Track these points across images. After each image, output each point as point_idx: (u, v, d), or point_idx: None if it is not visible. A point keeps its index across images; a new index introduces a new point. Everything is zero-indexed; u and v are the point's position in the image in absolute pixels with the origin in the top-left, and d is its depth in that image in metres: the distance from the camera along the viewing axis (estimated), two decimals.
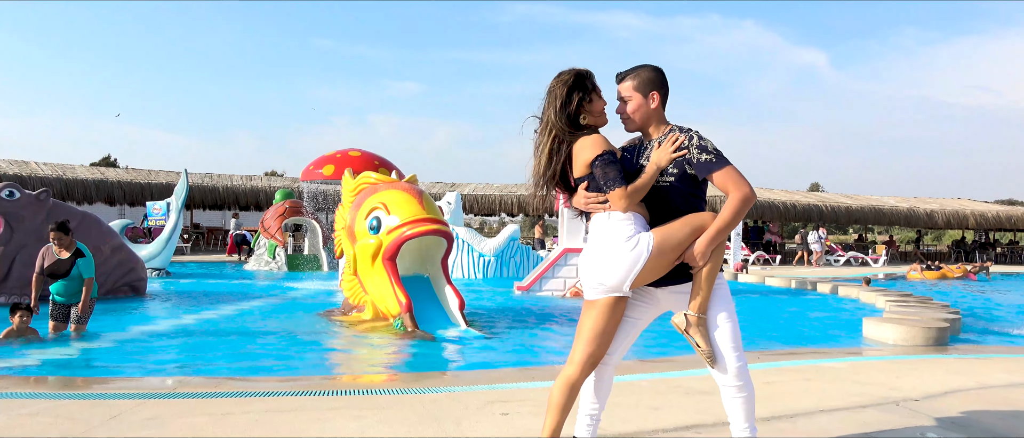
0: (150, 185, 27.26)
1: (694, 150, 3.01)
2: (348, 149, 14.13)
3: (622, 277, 2.95)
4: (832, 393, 4.83)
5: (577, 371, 3.07)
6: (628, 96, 3.13)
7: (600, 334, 3.04)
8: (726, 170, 2.98)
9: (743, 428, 3.13)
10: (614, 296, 3.00)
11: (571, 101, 3.06)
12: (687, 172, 3.03)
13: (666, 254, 2.97)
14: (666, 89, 3.16)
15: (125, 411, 4.06)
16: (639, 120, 3.14)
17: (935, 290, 16.00)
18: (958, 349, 7.30)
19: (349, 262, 8.59)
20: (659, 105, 3.14)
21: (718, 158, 3.00)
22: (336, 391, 4.72)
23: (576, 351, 3.08)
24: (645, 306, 3.19)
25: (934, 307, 9.72)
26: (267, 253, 18.43)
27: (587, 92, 3.09)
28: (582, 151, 3.04)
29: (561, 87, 3.08)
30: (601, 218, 3.05)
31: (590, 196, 3.05)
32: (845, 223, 32.53)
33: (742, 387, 3.06)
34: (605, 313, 3.02)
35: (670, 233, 2.98)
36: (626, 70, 3.16)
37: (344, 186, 9.22)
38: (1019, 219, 34.50)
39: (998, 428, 4.03)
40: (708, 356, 3.01)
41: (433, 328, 7.86)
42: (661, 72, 3.16)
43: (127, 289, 11.13)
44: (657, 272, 3.01)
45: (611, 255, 2.97)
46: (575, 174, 3.11)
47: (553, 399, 3.10)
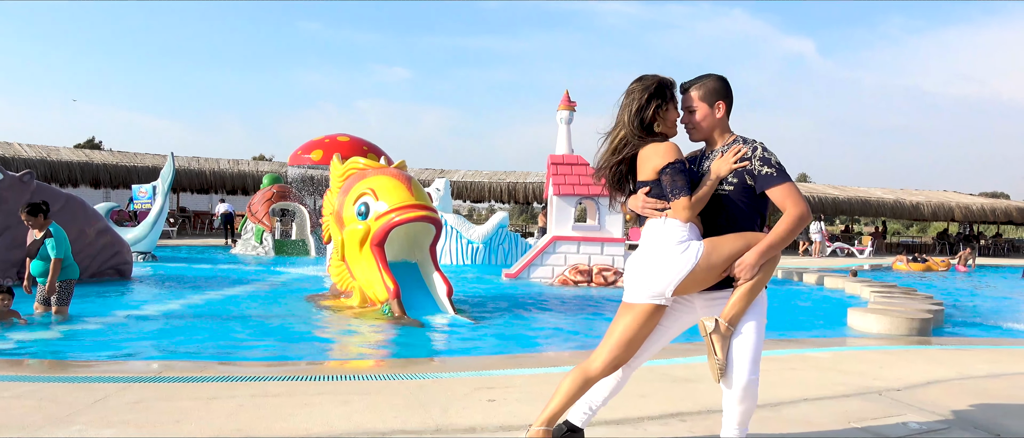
0: (136, 168, 27.05)
1: (756, 162, 3.01)
2: (336, 134, 14.05)
3: (667, 282, 2.95)
4: (816, 383, 4.87)
5: (598, 371, 3.07)
6: (694, 106, 3.13)
7: (631, 340, 3.03)
8: (785, 186, 2.98)
9: (734, 430, 3.14)
10: (654, 304, 3.00)
11: (649, 106, 3.06)
12: (747, 183, 3.02)
13: (714, 265, 2.97)
14: (731, 98, 3.15)
15: (110, 394, 4.04)
16: (705, 129, 3.15)
17: (920, 281, 16.15)
18: (941, 340, 7.38)
19: (337, 248, 8.56)
20: (724, 114, 3.14)
21: (779, 173, 2.99)
22: (323, 376, 4.71)
23: (602, 351, 3.07)
24: (680, 313, 3.18)
25: (918, 298, 9.81)
26: (254, 238, 18.35)
27: (666, 101, 3.09)
28: (652, 157, 3.04)
29: (642, 92, 3.08)
30: (656, 223, 3.05)
31: (649, 201, 3.05)
32: (832, 214, 32.72)
33: (745, 399, 3.03)
34: (641, 319, 3.01)
35: (721, 244, 2.98)
36: (691, 80, 3.16)
37: (332, 171, 9.17)
38: (1003, 212, 34.85)
39: (978, 418, 4.08)
40: (720, 367, 2.98)
41: (421, 314, 7.86)
42: (726, 82, 3.15)
43: (112, 272, 11.05)
44: (702, 283, 3.00)
45: (660, 259, 2.97)
46: (640, 177, 3.11)
47: (563, 386, 3.09)
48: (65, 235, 7.04)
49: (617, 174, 3.17)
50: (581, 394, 3.11)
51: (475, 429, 3.60)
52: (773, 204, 3.04)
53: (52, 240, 6.86)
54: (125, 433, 3.39)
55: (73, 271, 7.17)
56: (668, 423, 3.80)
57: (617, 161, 3.14)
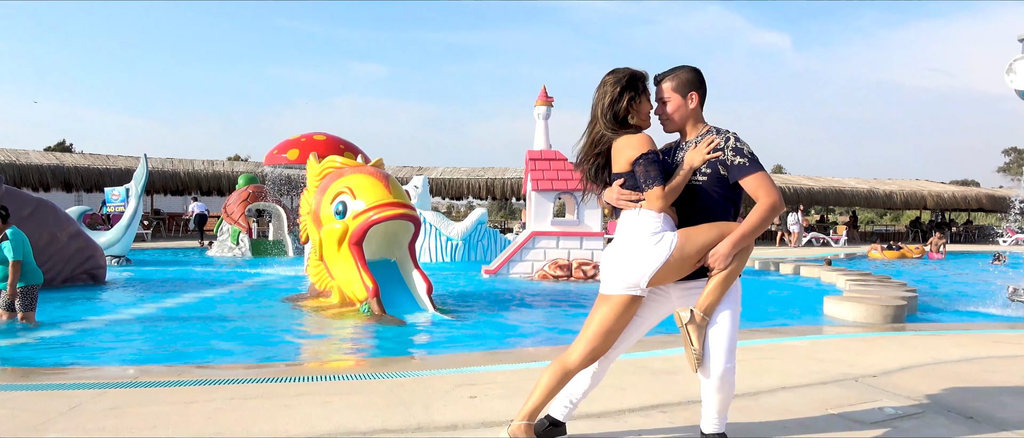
0: (108, 170, 26.64)
1: (730, 152, 3.03)
2: (313, 133, 13.94)
3: (642, 273, 2.97)
4: (794, 370, 4.93)
5: (577, 362, 3.09)
6: (668, 97, 3.15)
7: (608, 331, 3.06)
8: (758, 176, 3.01)
9: (713, 420, 3.18)
10: (630, 295, 3.02)
11: (622, 99, 3.08)
12: (720, 173, 3.05)
13: (689, 255, 2.99)
14: (704, 89, 3.18)
15: (85, 401, 3.98)
16: (678, 120, 3.17)
17: (894, 269, 16.40)
18: (915, 326, 7.50)
19: (315, 247, 8.50)
20: (697, 105, 3.17)
21: (752, 163, 3.02)
22: (302, 377, 4.68)
23: (580, 342, 3.09)
24: (656, 304, 3.20)
25: (892, 286, 9.96)
26: (230, 239, 18.16)
27: (638, 93, 3.11)
28: (626, 149, 3.06)
29: (615, 85, 3.10)
30: (630, 215, 3.07)
31: (624, 193, 3.07)
32: (807, 204, 33.09)
33: (722, 387, 3.08)
34: (617, 310, 3.04)
35: (695, 235, 3.00)
36: (664, 72, 3.19)
37: (309, 170, 9.10)
38: (974, 199, 35.47)
39: (951, 401, 4.15)
40: (697, 357, 3.01)
41: (401, 313, 7.84)
42: (699, 72, 3.18)
43: (86, 277, 10.88)
44: (677, 273, 3.03)
45: (635, 250, 2.99)
46: (614, 170, 3.13)
47: (543, 380, 3.11)
48: (25, 238, 6.90)
49: (594, 167, 3.19)
50: (561, 387, 3.13)
51: (457, 426, 3.60)
52: (747, 194, 3.08)
53: (8, 243, 6.72)
54: None
55: (36, 276, 7.02)
56: (649, 415, 3.83)
57: (595, 154, 3.16)
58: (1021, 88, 8.07)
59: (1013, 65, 8.11)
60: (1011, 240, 28.96)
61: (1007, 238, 29.92)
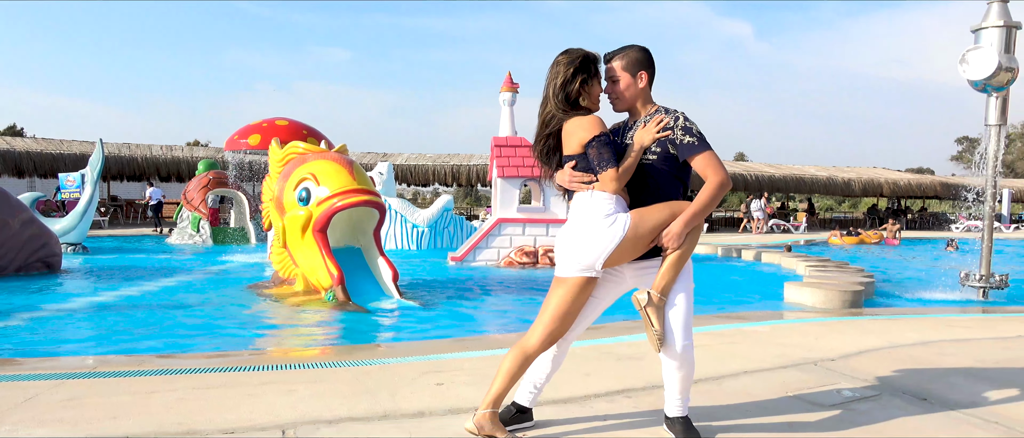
0: (62, 155, 25.93)
1: (679, 131, 3.05)
2: (275, 118, 13.73)
3: (597, 255, 2.99)
4: (755, 355, 5.02)
5: (536, 345, 3.10)
6: (617, 76, 3.15)
7: (566, 313, 3.07)
8: (706, 155, 3.03)
9: (676, 402, 3.23)
10: (585, 277, 3.03)
11: (574, 80, 3.07)
12: (669, 152, 3.07)
13: (642, 236, 3.01)
14: (653, 69, 3.18)
15: (41, 392, 3.88)
16: (628, 99, 3.18)
17: (852, 255, 16.77)
18: (872, 311, 7.68)
19: (278, 234, 8.39)
20: (647, 85, 3.17)
21: (700, 142, 3.04)
22: (266, 366, 4.62)
23: (538, 325, 3.10)
24: (611, 284, 3.23)
25: (850, 271, 10.19)
26: (190, 226, 17.83)
27: (591, 75, 3.11)
28: (577, 130, 3.05)
29: (568, 65, 3.08)
30: (583, 197, 3.08)
31: (576, 175, 3.07)
32: (768, 192, 33.63)
33: (683, 365, 3.15)
34: (573, 292, 3.05)
35: (647, 215, 3.02)
36: (614, 50, 3.18)
37: (271, 156, 8.97)
38: (928, 187, 36.42)
39: (907, 384, 4.27)
40: (658, 337, 3.06)
41: (366, 300, 7.79)
42: (648, 52, 3.19)
43: (40, 265, 10.60)
44: (630, 253, 3.05)
45: (589, 233, 3.00)
46: (565, 151, 3.13)
47: (504, 366, 3.12)
48: None
49: (546, 149, 3.19)
50: (522, 372, 3.14)
51: (424, 413, 3.59)
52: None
53: None
54: (59, 432, 3.27)
55: None
56: (614, 400, 3.87)
57: (546, 135, 3.16)
58: (974, 78, 8.28)
59: (966, 55, 8.31)
60: (963, 227, 29.83)
61: (960, 225, 30.82)
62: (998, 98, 8.48)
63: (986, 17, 8.35)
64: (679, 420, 3.24)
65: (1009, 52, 8.23)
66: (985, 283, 8.80)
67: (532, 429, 3.35)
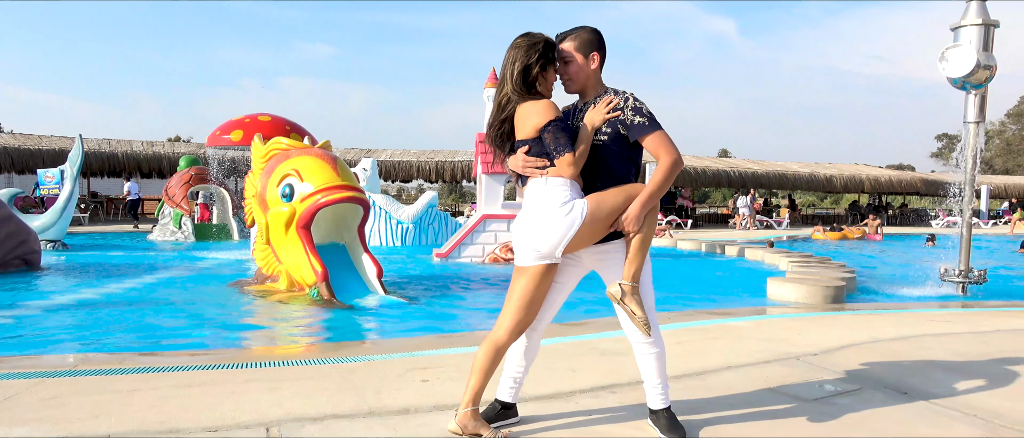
0: (41, 151, 25.58)
1: (629, 112, 3.06)
2: (257, 114, 13.66)
3: (555, 243, 2.99)
4: (738, 350, 5.06)
5: (506, 336, 3.10)
6: (570, 57, 3.14)
7: (530, 302, 3.07)
8: (657, 134, 3.04)
9: (656, 385, 3.26)
10: (545, 264, 3.04)
11: (535, 65, 3.05)
12: (620, 133, 3.08)
13: (599, 221, 3.01)
14: (605, 51, 3.19)
15: (20, 391, 3.83)
16: (580, 81, 3.17)
17: (834, 251, 16.93)
18: (853, 306, 7.77)
19: (261, 231, 8.34)
20: (598, 66, 3.17)
21: (651, 122, 3.05)
22: (250, 363, 4.60)
23: (505, 317, 3.11)
24: (572, 269, 3.25)
25: (832, 267, 10.29)
26: (172, 223, 17.67)
27: (549, 61, 3.10)
28: (532, 115, 3.03)
29: (529, 48, 3.06)
30: (538, 183, 3.06)
31: (530, 160, 3.05)
32: (751, 187, 33.85)
33: (654, 344, 3.19)
34: (536, 280, 3.05)
35: (604, 200, 3.02)
36: (566, 31, 3.17)
37: (254, 152, 8.90)
38: (909, 183, 36.81)
39: (888, 378, 4.32)
40: (644, 323, 3.08)
41: (351, 297, 7.76)
42: (600, 34, 3.19)
43: (19, 262, 10.47)
44: (589, 239, 3.06)
45: (546, 221, 2.99)
46: (519, 136, 3.10)
47: (478, 362, 3.12)
48: None
49: (500, 134, 3.17)
50: (495, 365, 3.14)
51: (409, 410, 3.59)
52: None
53: None
54: (39, 431, 3.23)
55: None
56: (599, 395, 3.88)
57: (501, 119, 3.14)
58: (954, 76, 8.37)
59: (946, 53, 8.40)
60: (943, 222, 30.19)
61: (940, 220, 31.18)
62: (977, 95, 8.58)
63: (965, 15, 8.45)
64: (664, 413, 3.25)
65: (987, 50, 8.33)
66: (964, 278, 8.91)
67: (518, 425, 3.36)
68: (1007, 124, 66.70)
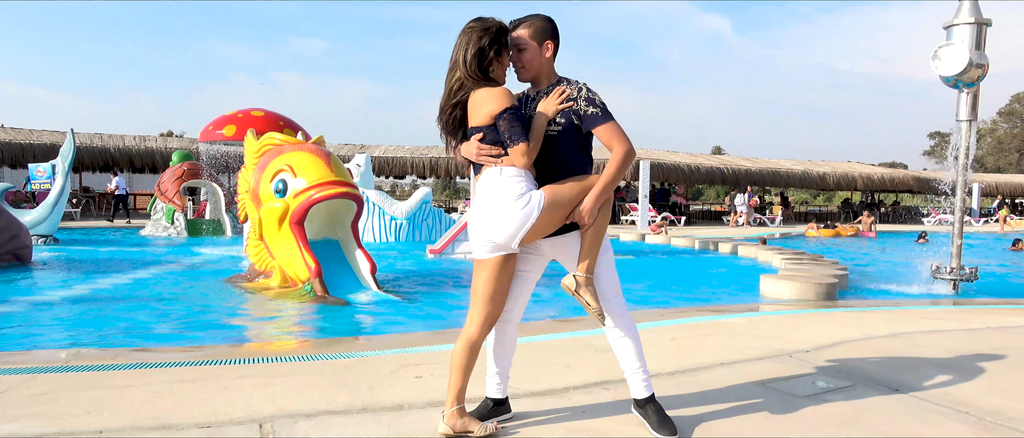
0: (32, 145, 25.44)
1: (582, 102, 3.05)
2: (250, 109, 13.60)
3: (511, 235, 2.98)
4: (731, 347, 5.07)
5: (477, 331, 3.09)
6: (524, 45, 3.10)
7: (494, 293, 3.07)
8: (610, 125, 3.04)
9: (639, 379, 3.27)
10: (502, 255, 3.03)
11: (490, 50, 3.01)
12: (574, 123, 3.07)
13: (555, 212, 3.00)
14: (558, 39, 3.16)
15: (12, 387, 3.82)
16: (534, 69, 3.14)
17: (827, 247, 16.98)
18: (846, 303, 7.79)
19: (254, 226, 8.31)
20: (552, 55, 3.15)
21: (604, 112, 3.05)
22: (243, 359, 4.59)
23: (473, 312, 3.11)
24: (533, 258, 3.25)
25: (825, 264, 10.32)
26: (165, 218, 17.60)
27: (503, 47, 3.06)
28: (487, 101, 2.98)
29: (483, 32, 3.01)
30: (492, 173, 3.03)
31: (484, 148, 3.01)
32: (744, 185, 33.95)
33: (626, 329, 3.23)
34: (496, 271, 3.05)
35: (559, 191, 3.01)
36: (519, 18, 3.14)
37: (247, 148, 8.87)
38: (901, 181, 36.96)
39: (880, 375, 4.34)
40: (598, 314, 3.10)
41: (344, 293, 7.75)
42: (553, 22, 3.16)
43: (10, 257, 10.40)
44: (545, 230, 3.05)
45: (501, 213, 2.97)
46: (472, 123, 3.05)
47: (455, 361, 3.12)
48: None
49: (452, 119, 3.11)
50: (473, 361, 3.12)
51: (403, 407, 3.59)
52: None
53: None
54: (31, 427, 3.22)
55: None
56: (592, 392, 3.89)
57: (453, 104, 3.08)
58: (946, 74, 8.40)
59: (939, 52, 8.43)
60: (935, 220, 30.34)
61: (931, 218, 31.34)
62: (969, 94, 8.62)
63: (957, 14, 8.48)
64: (651, 405, 3.25)
65: (979, 49, 8.36)
66: (956, 276, 8.95)
67: (511, 421, 3.36)
68: (999, 122, 67.05)
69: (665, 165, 28.97)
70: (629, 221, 26.07)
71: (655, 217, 24.58)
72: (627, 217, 26.55)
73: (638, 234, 18.96)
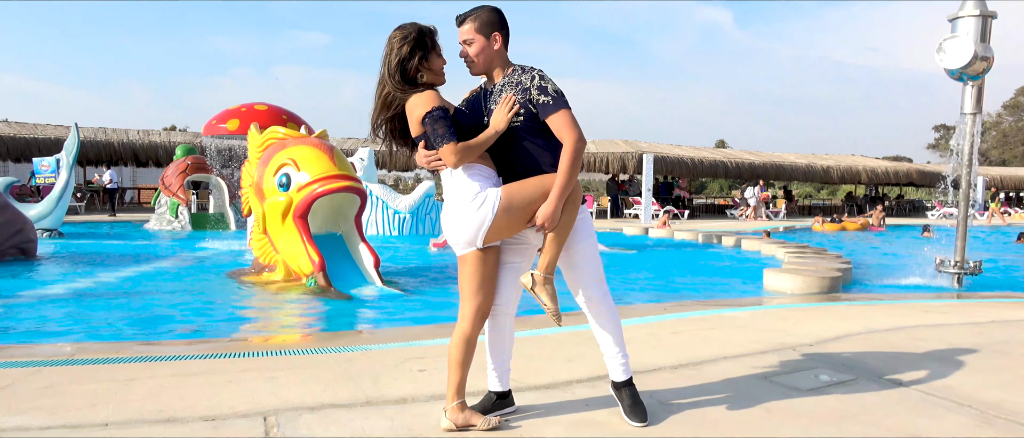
0: (37, 140, 25.47)
1: (535, 92, 3.01)
2: (253, 103, 13.58)
3: (472, 235, 2.98)
4: (734, 341, 5.07)
5: (469, 325, 3.10)
6: (471, 38, 3.07)
7: (480, 285, 3.07)
8: (562, 113, 2.98)
9: (618, 362, 3.30)
10: (478, 249, 3.03)
11: (412, 58, 3.00)
12: (532, 112, 3.03)
13: (515, 211, 2.97)
14: (507, 29, 3.13)
15: (17, 380, 3.84)
16: (483, 63, 3.11)
17: (832, 241, 16.96)
18: (849, 296, 7.79)
19: (258, 220, 8.33)
20: (502, 46, 3.11)
21: (557, 100, 2.99)
22: (247, 353, 4.61)
23: (463, 306, 3.12)
24: (522, 248, 3.23)
25: (828, 258, 10.31)
26: (169, 212, 17.64)
27: (428, 50, 3.04)
28: (416, 108, 2.99)
29: (402, 42, 3.00)
30: (445, 175, 3.04)
31: (428, 154, 3.01)
32: (748, 178, 33.85)
33: (608, 315, 3.24)
34: (476, 265, 3.06)
35: (517, 191, 2.98)
36: (465, 12, 3.10)
37: (250, 142, 8.89)
38: (905, 175, 36.86)
39: (882, 368, 4.34)
40: (554, 314, 3.06)
41: (348, 287, 7.77)
42: (501, 12, 3.12)
43: (15, 251, 10.44)
44: (511, 229, 3.03)
45: (459, 214, 2.98)
46: (413, 133, 3.07)
47: (452, 356, 3.13)
48: None
49: (394, 131, 3.13)
50: (470, 356, 3.13)
51: (406, 400, 3.60)
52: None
53: None
54: (36, 420, 3.24)
55: None
56: (595, 385, 3.89)
57: (388, 117, 3.09)
58: (951, 67, 8.36)
59: (943, 44, 8.39)
60: (939, 214, 30.27)
61: (935, 211, 31.26)
62: (974, 87, 8.58)
63: (962, 6, 8.43)
64: (626, 387, 3.28)
65: (984, 41, 8.32)
66: (960, 269, 8.94)
67: (514, 414, 3.37)
68: (1003, 116, 66.80)
69: (668, 159, 28.94)
70: (632, 215, 26.05)
71: (659, 211, 24.55)
72: (630, 210, 26.53)
73: (641, 228, 18.95)
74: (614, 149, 28.74)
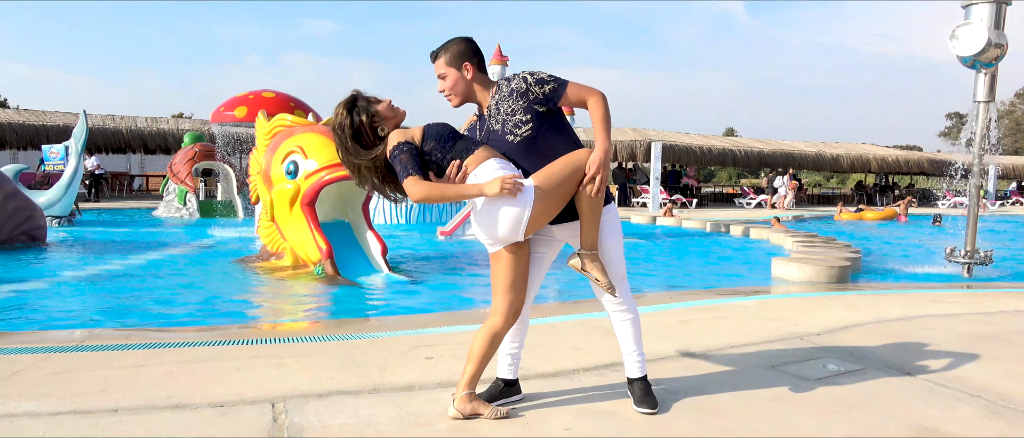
0: (45, 127, 25.56)
1: (535, 88, 3.03)
2: (261, 90, 13.59)
3: (512, 228, 2.96)
4: (742, 329, 5.06)
5: (501, 320, 3.10)
6: (443, 73, 3.14)
7: (513, 282, 3.09)
8: (573, 85, 3.05)
9: (632, 352, 3.32)
10: (514, 243, 3.04)
11: (357, 125, 3.08)
12: (539, 112, 3.05)
13: (551, 194, 2.98)
14: (479, 56, 3.17)
15: (28, 366, 3.86)
16: (461, 92, 3.16)
17: (845, 231, 16.88)
18: (858, 286, 7.75)
19: (266, 208, 8.34)
20: (475, 73, 3.14)
21: (557, 81, 3.05)
22: (256, 340, 4.62)
23: (496, 302, 3.11)
24: (548, 240, 3.26)
25: (837, 247, 10.26)
26: (177, 199, 17.70)
27: (366, 109, 3.10)
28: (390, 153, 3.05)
29: (344, 125, 3.09)
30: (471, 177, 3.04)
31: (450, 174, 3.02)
32: (757, 167, 33.74)
33: (627, 309, 3.27)
34: (511, 261, 3.06)
35: (550, 175, 2.99)
36: (437, 48, 3.16)
37: (258, 129, 8.89)
38: (915, 164, 36.61)
39: (891, 358, 4.32)
40: (608, 287, 3.11)
41: (355, 274, 7.78)
42: (470, 41, 3.17)
43: (25, 238, 10.50)
44: (548, 215, 3.03)
45: (496, 210, 2.96)
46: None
47: (475, 349, 3.12)
48: None
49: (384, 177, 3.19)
50: (493, 352, 3.14)
51: (413, 387, 3.61)
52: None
53: None
54: (46, 405, 3.26)
55: None
56: (602, 373, 3.89)
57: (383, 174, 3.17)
58: (964, 54, 8.27)
59: (957, 31, 8.30)
60: (950, 203, 30.08)
61: (946, 201, 31.07)
62: (987, 74, 8.49)
63: None
64: (639, 383, 3.31)
65: (999, 28, 8.22)
66: (970, 259, 8.88)
67: (521, 402, 3.37)
68: (1016, 104, 66.18)
69: (677, 147, 28.80)
70: (640, 203, 25.98)
71: (666, 199, 24.47)
72: (638, 199, 26.46)
73: (649, 216, 18.91)
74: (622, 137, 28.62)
